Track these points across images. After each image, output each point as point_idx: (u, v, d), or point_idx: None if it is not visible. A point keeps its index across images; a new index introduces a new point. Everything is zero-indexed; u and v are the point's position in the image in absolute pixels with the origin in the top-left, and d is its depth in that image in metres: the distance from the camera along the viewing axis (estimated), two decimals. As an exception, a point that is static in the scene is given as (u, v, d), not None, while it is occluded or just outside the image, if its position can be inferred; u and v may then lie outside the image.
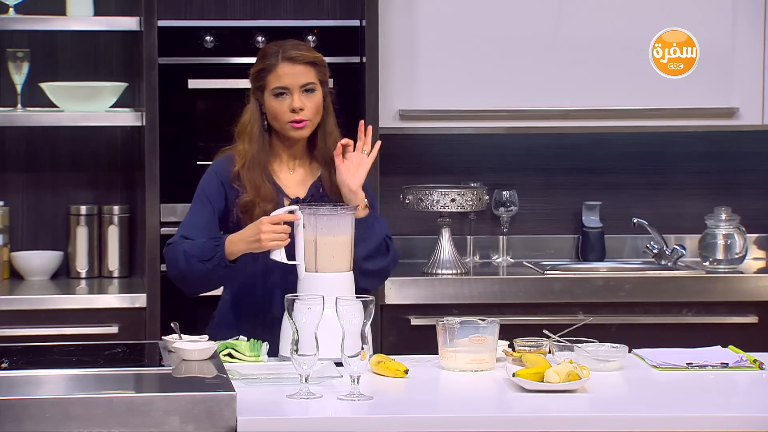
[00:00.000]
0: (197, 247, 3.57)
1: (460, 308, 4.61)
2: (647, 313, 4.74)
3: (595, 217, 5.17)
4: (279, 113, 3.67)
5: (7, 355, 3.35)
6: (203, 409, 2.92)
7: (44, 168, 4.99)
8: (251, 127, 3.70)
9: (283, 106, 3.66)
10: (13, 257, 4.88)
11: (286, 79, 3.66)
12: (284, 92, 3.66)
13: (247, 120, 3.71)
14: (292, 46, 3.70)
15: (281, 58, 3.66)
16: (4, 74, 4.77)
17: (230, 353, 3.45)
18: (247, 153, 3.67)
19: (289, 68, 3.66)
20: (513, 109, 4.94)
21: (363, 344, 3.12)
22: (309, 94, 3.67)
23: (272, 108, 3.68)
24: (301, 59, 3.67)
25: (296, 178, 3.73)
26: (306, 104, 3.66)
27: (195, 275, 3.58)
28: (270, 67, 3.67)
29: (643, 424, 3.01)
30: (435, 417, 3.04)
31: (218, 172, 3.70)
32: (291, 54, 3.67)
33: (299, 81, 3.66)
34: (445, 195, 4.81)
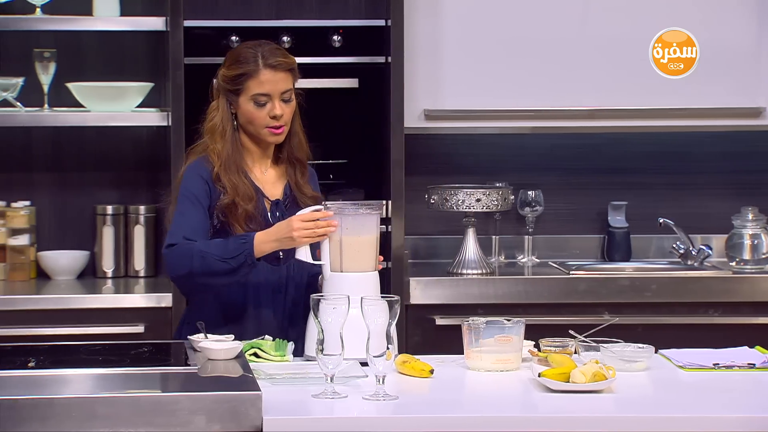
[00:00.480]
0: (216, 246, 3.56)
1: (485, 308, 4.60)
2: (673, 313, 4.73)
3: (621, 217, 5.15)
4: (257, 119, 3.66)
5: (34, 354, 3.37)
6: (229, 409, 2.92)
7: (70, 168, 5.00)
8: (223, 127, 3.68)
9: (263, 112, 3.66)
10: (40, 257, 4.90)
11: (268, 86, 3.65)
12: (265, 99, 3.66)
13: (219, 120, 3.69)
14: (270, 52, 3.67)
15: (263, 64, 3.65)
16: (31, 74, 4.79)
17: (256, 353, 3.45)
18: (221, 153, 3.66)
19: (271, 75, 3.65)
20: (538, 109, 4.93)
21: (388, 344, 3.12)
22: (287, 101, 3.68)
23: (249, 113, 3.67)
24: (282, 67, 3.67)
25: (270, 179, 3.74)
26: (285, 110, 3.67)
27: (209, 274, 3.55)
28: (250, 73, 3.65)
29: (669, 425, 3.00)
30: (460, 417, 3.03)
31: (201, 173, 3.66)
32: (272, 61, 3.65)
33: (280, 88, 3.66)
34: (470, 195, 4.80)
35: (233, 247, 3.55)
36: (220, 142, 3.67)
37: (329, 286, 3.49)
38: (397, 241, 4.69)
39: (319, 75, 4.74)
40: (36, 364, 3.25)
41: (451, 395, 3.25)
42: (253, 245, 3.54)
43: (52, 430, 2.88)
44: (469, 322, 3.43)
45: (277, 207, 3.71)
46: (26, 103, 4.77)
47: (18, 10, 4.73)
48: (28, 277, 4.86)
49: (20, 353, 3.40)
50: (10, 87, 4.74)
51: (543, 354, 3.44)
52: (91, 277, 4.93)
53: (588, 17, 4.93)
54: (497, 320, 3.44)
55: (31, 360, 3.28)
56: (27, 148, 4.98)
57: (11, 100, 4.75)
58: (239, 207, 3.62)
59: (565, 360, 3.32)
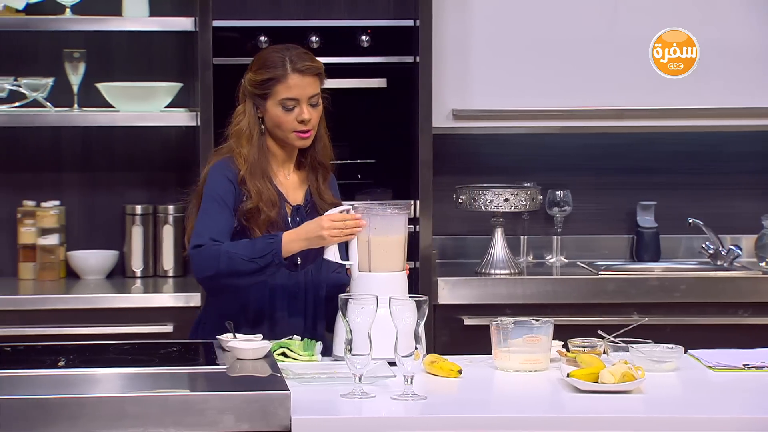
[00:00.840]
0: (243, 246, 3.56)
1: (514, 308, 4.59)
2: (703, 313, 4.71)
3: (650, 217, 5.14)
4: (285, 123, 3.66)
5: (64, 353, 3.38)
6: (258, 408, 2.93)
7: (100, 168, 5.02)
8: (250, 131, 3.68)
9: (290, 116, 3.65)
10: (70, 256, 4.92)
11: (296, 90, 3.64)
12: (294, 104, 3.65)
13: (246, 125, 3.68)
14: (299, 57, 3.66)
15: (291, 69, 3.64)
16: (61, 74, 4.81)
17: (284, 352, 3.45)
18: (248, 158, 3.65)
19: (299, 80, 3.64)
20: (566, 109, 4.92)
21: (416, 344, 3.12)
22: (315, 105, 3.68)
23: (277, 117, 3.66)
24: (311, 71, 3.66)
25: (292, 184, 3.74)
26: (312, 115, 3.67)
27: (236, 275, 3.55)
28: (279, 77, 3.64)
29: (698, 426, 2.99)
30: (489, 417, 3.03)
31: (227, 173, 3.66)
32: (300, 66, 3.64)
33: (307, 93, 3.65)
34: (498, 195, 4.80)
35: (260, 247, 3.55)
36: (246, 146, 3.67)
37: (357, 286, 3.49)
38: (425, 241, 4.68)
39: (347, 75, 4.74)
40: (66, 363, 3.26)
41: (479, 395, 3.24)
42: (281, 245, 3.54)
43: (81, 429, 2.89)
44: (497, 323, 3.43)
45: (298, 212, 3.71)
46: (56, 103, 4.79)
47: (48, 10, 4.75)
48: (57, 277, 4.88)
49: (50, 352, 3.42)
50: (40, 87, 4.77)
51: (572, 354, 3.43)
52: (120, 276, 4.95)
53: (617, 17, 4.92)
54: (526, 320, 3.43)
55: (61, 359, 3.29)
56: (56, 148, 5.01)
57: (41, 101, 4.77)
58: (262, 213, 3.62)
59: (594, 360, 3.31)
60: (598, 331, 3.54)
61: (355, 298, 3.21)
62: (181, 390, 3.05)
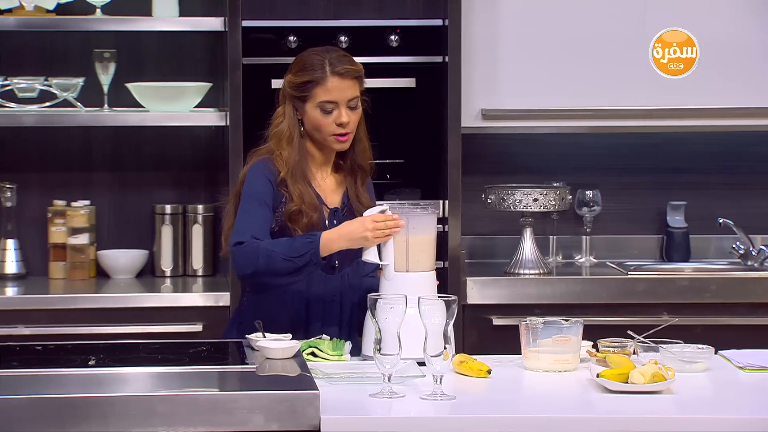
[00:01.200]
0: (282, 245, 3.57)
1: (543, 308, 4.58)
2: (733, 314, 4.69)
3: (680, 217, 5.12)
4: (324, 125, 3.66)
5: (94, 352, 3.39)
6: (287, 408, 2.93)
7: (130, 167, 5.04)
8: (290, 133, 3.68)
9: (329, 119, 3.65)
10: (100, 256, 4.94)
11: (335, 93, 3.64)
12: (332, 107, 3.65)
13: (285, 127, 3.68)
14: (338, 60, 3.66)
15: (330, 72, 3.64)
16: (91, 74, 4.83)
17: (313, 352, 3.46)
18: (288, 160, 3.66)
19: (338, 83, 3.64)
20: (596, 108, 4.91)
21: (445, 344, 3.11)
22: (353, 108, 3.67)
23: (316, 120, 3.66)
24: (350, 74, 3.66)
25: (330, 186, 3.73)
26: (351, 117, 3.66)
27: (274, 273, 3.56)
28: (318, 80, 3.64)
29: (729, 426, 2.97)
30: (518, 417, 3.02)
31: (266, 173, 3.66)
32: (340, 69, 3.64)
33: (347, 96, 3.65)
34: (527, 195, 4.79)
35: (299, 245, 3.55)
36: (286, 148, 3.67)
37: (393, 286, 3.48)
38: (454, 241, 4.68)
39: (376, 75, 4.72)
40: (96, 362, 3.27)
41: (508, 395, 3.24)
42: (320, 245, 3.54)
43: (111, 428, 2.90)
44: (526, 323, 3.42)
45: (335, 215, 3.70)
46: (86, 103, 4.81)
47: (78, 10, 4.77)
48: (87, 276, 4.90)
49: (80, 351, 3.44)
50: (71, 87, 4.79)
51: (601, 354, 3.42)
52: (149, 276, 4.96)
53: (647, 15, 4.90)
54: (555, 320, 3.43)
55: (91, 358, 3.30)
56: (87, 148, 5.03)
57: (71, 100, 4.79)
58: (305, 216, 3.62)
59: (624, 361, 3.30)
60: (628, 331, 3.53)
61: (384, 297, 3.21)
62: (211, 389, 3.06)
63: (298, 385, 3.04)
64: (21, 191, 4.94)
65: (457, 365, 3.36)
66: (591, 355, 3.44)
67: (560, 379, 3.34)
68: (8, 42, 4.93)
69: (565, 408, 3.12)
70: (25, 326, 4.49)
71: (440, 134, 4.80)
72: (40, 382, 3.04)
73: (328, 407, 2.97)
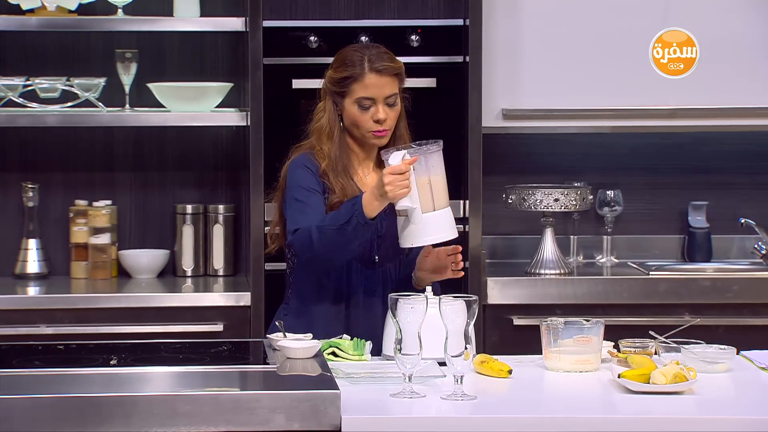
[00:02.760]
0: (329, 217, 3.58)
1: (564, 308, 4.58)
2: (755, 314, 4.67)
3: (702, 217, 5.11)
4: (361, 122, 3.68)
5: (116, 352, 3.41)
6: (308, 407, 2.93)
7: (151, 167, 5.05)
8: (330, 128, 3.70)
9: (366, 115, 3.67)
10: (121, 255, 4.95)
11: (373, 90, 3.66)
12: (370, 103, 3.66)
13: (326, 122, 3.71)
14: (378, 56, 3.68)
15: (368, 68, 3.66)
16: (113, 75, 4.84)
17: (334, 352, 3.46)
18: (329, 154, 3.68)
19: (376, 79, 3.66)
20: (617, 108, 4.90)
21: (466, 344, 3.11)
22: (392, 105, 3.68)
23: (354, 116, 3.68)
24: (388, 71, 3.68)
25: (371, 182, 3.72)
26: (389, 114, 3.68)
27: (331, 247, 3.55)
28: (356, 76, 3.66)
29: (751, 427, 2.97)
30: (539, 417, 3.02)
31: (308, 165, 3.69)
32: (378, 66, 3.66)
33: (384, 93, 3.67)
34: (548, 195, 4.78)
35: (344, 211, 3.55)
36: (327, 143, 3.69)
37: (423, 230, 3.51)
38: (475, 241, 4.68)
39: (397, 74, 4.74)
40: (118, 361, 3.28)
41: (529, 396, 3.24)
42: (362, 205, 3.53)
43: (134, 428, 2.90)
44: (547, 323, 3.42)
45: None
46: (108, 103, 4.82)
47: (100, 11, 4.78)
48: (109, 276, 4.91)
49: (102, 351, 3.45)
50: (92, 87, 4.80)
51: (623, 355, 3.41)
52: (170, 275, 4.97)
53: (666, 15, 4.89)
54: (576, 321, 3.42)
55: (113, 358, 3.31)
56: (108, 148, 5.04)
57: (93, 101, 4.80)
58: None
59: (646, 361, 3.30)
60: (650, 331, 3.53)
61: (405, 297, 3.21)
62: (233, 389, 3.06)
63: (319, 384, 3.05)
64: (43, 191, 4.96)
65: (478, 365, 3.36)
66: (612, 355, 3.44)
67: (581, 379, 3.34)
68: (30, 42, 4.95)
69: (586, 408, 3.12)
70: (47, 326, 4.50)
71: (461, 134, 4.80)
72: (62, 382, 3.05)
73: (349, 407, 2.97)
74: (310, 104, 4.79)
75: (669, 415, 3.02)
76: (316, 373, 3.18)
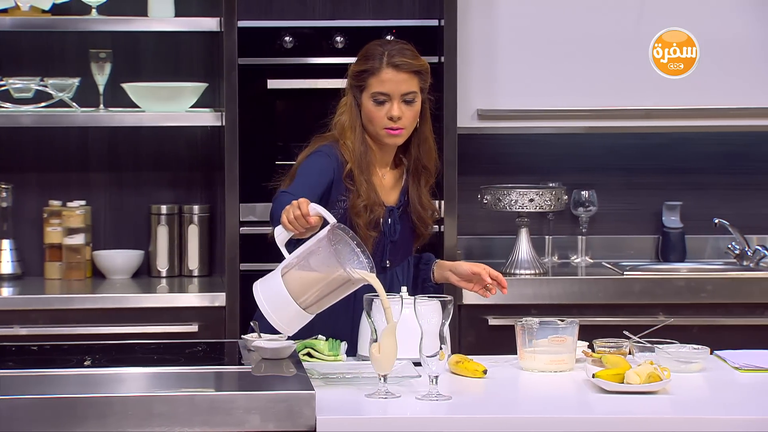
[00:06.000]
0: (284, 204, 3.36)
1: (539, 308, 4.59)
2: (729, 314, 4.69)
3: (676, 218, 5.12)
4: (375, 118, 3.61)
5: (90, 353, 3.40)
6: (283, 408, 2.93)
7: (126, 168, 5.04)
8: (352, 123, 3.63)
9: (381, 111, 3.60)
10: (96, 256, 4.94)
11: (389, 85, 3.60)
12: (384, 98, 3.61)
13: (347, 118, 3.64)
14: (398, 51, 3.62)
15: (386, 63, 3.60)
16: (87, 75, 4.83)
17: (309, 352, 3.46)
18: (354, 150, 3.61)
19: (393, 75, 3.60)
20: (592, 109, 4.91)
21: (441, 344, 3.12)
22: (409, 103, 3.63)
23: (369, 111, 3.62)
24: (406, 67, 3.61)
25: (387, 183, 3.70)
26: (405, 113, 3.61)
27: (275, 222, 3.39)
28: (373, 70, 3.60)
29: (724, 426, 2.98)
30: (514, 417, 3.03)
31: (333, 164, 3.57)
32: (396, 61, 3.60)
33: (401, 89, 3.60)
34: (523, 195, 4.79)
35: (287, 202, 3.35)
36: (350, 137, 3.62)
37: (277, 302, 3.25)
38: (450, 241, 4.68)
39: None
40: (92, 362, 3.27)
41: (504, 396, 3.24)
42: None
43: (109, 428, 2.90)
44: (522, 323, 3.43)
45: (391, 214, 3.68)
46: (82, 103, 4.81)
47: (74, 11, 4.77)
48: (83, 276, 4.89)
49: (76, 352, 3.43)
50: (66, 87, 4.78)
51: (597, 355, 3.42)
52: (145, 276, 4.96)
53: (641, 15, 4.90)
54: (551, 321, 3.43)
55: (87, 359, 3.30)
56: (83, 148, 5.02)
57: (67, 101, 4.79)
58: (370, 211, 3.57)
59: (620, 361, 3.31)
60: (624, 331, 3.54)
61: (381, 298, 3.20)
62: (208, 389, 3.06)
63: (294, 385, 3.05)
64: (17, 191, 4.94)
65: (453, 365, 3.36)
66: (587, 355, 3.45)
67: (556, 379, 3.34)
68: (4, 42, 4.93)
69: (560, 408, 3.12)
70: (21, 326, 4.48)
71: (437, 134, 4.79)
72: (36, 383, 3.04)
73: (324, 407, 2.97)
74: (285, 104, 4.82)
75: (643, 415, 3.03)
76: (291, 374, 3.18)
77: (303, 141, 3.81)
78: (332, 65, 4.67)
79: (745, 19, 4.90)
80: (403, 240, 3.69)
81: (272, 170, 4.48)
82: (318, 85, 4.68)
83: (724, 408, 3.12)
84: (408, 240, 3.74)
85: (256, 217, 4.70)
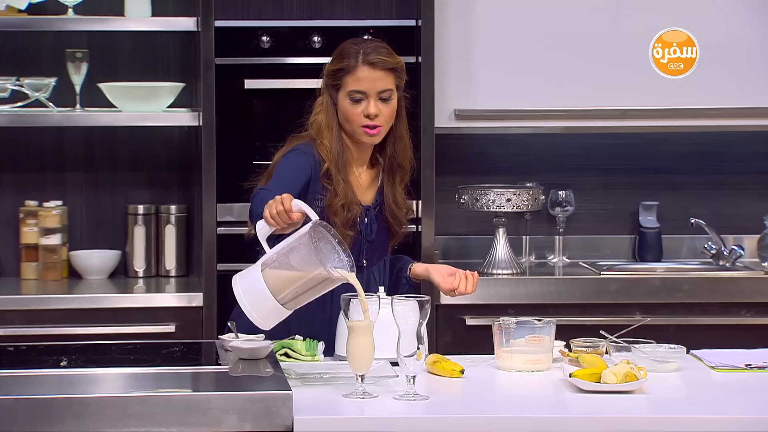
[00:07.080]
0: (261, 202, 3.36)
1: (516, 308, 4.59)
2: (705, 313, 4.70)
3: (653, 217, 5.14)
4: (352, 116, 3.61)
5: (66, 353, 3.39)
6: (260, 408, 2.93)
7: (102, 168, 5.03)
8: (328, 122, 3.62)
9: (357, 109, 3.61)
10: (72, 256, 4.92)
11: (365, 83, 3.60)
12: (361, 96, 3.61)
13: (324, 117, 3.63)
14: (373, 49, 3.62)
15: (362, 61, 3.60)
16: (63, 74, 4.81)
17: (286, 353, 3.45)
18: (331, 150, 3.60)
19: (368, 72, 3.60)
20: (569, 109, 4.92)
21: (419, 344, 3.12)
22: (385, 101, 3.63)
23: (345, 109, 3.62)
24: (382, 65, 3.61)
25: (364, 183, 3.70)
26: (382, 110, 3.61)
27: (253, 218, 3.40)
28: (349, 68, 3.60)
29: (701, 426, 2.99)
30: (491, 417, 3.03)
31: (311, 163, 3.57)
32: (372, 59, 3.60)
33: (377, 87, 3.60)
34: (500, 195, 4.80)
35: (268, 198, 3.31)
36: (327, 136, 3.61)
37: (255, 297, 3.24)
38: (428, 241, 4.68)
39: (349, 75, 4.74)
40: (68, 363, 3.26)
41: (481, 395, 3.25)
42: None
43: (85, 429, 2.89)
44: (499, 323, 3.43)
45: (367, 213, 3.68)
46: (58, 103, 4.79)
47: (50, 10, 4.75)
48: (59, 277, 4.88)
49: (52, 352, 3.42)
50: (43, 87, 4.77)
51: (574, 354, 3.43)
52: (122, 276, 4.95)
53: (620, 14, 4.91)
54: (528, 320, 3.44)
55: (63, 359, 3.29)
56: (59, 148, 5.01)
57: (43, 100, 4.77)
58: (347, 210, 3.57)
59: (597, 360, 3.31)
60: (601, 331, 3.55)
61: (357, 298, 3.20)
62: (184, 390, 3.05)
63: (271, 385, 3.04)
64: (-7, 191, 4.93)
65: (431, 365, 3.36)
66: (564, 355, 3.45)
67: (533, 379, 3.35)
68: (-20, 42, 4.92)
69: (537, 408, 3.13)
70: (-4, 327, 4.47)
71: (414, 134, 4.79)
72: (12, 383, 3.03)
73: (301, 407, 2.97)
74: (262, 104, 4.81)
75: (620, 415, 3.03)
76: (269, 374, 3.18)
77: (280, 141, 3.80)
78: (309, 65, 4.67)
79: (745, 20, 4.91)
80: (379, 239, 3.69)
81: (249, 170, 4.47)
82: (295, 85, 4.67)
83: (701, 407, 3.13)
84: (384, 239, 3.75)
85: (233, 217, 4.69)
